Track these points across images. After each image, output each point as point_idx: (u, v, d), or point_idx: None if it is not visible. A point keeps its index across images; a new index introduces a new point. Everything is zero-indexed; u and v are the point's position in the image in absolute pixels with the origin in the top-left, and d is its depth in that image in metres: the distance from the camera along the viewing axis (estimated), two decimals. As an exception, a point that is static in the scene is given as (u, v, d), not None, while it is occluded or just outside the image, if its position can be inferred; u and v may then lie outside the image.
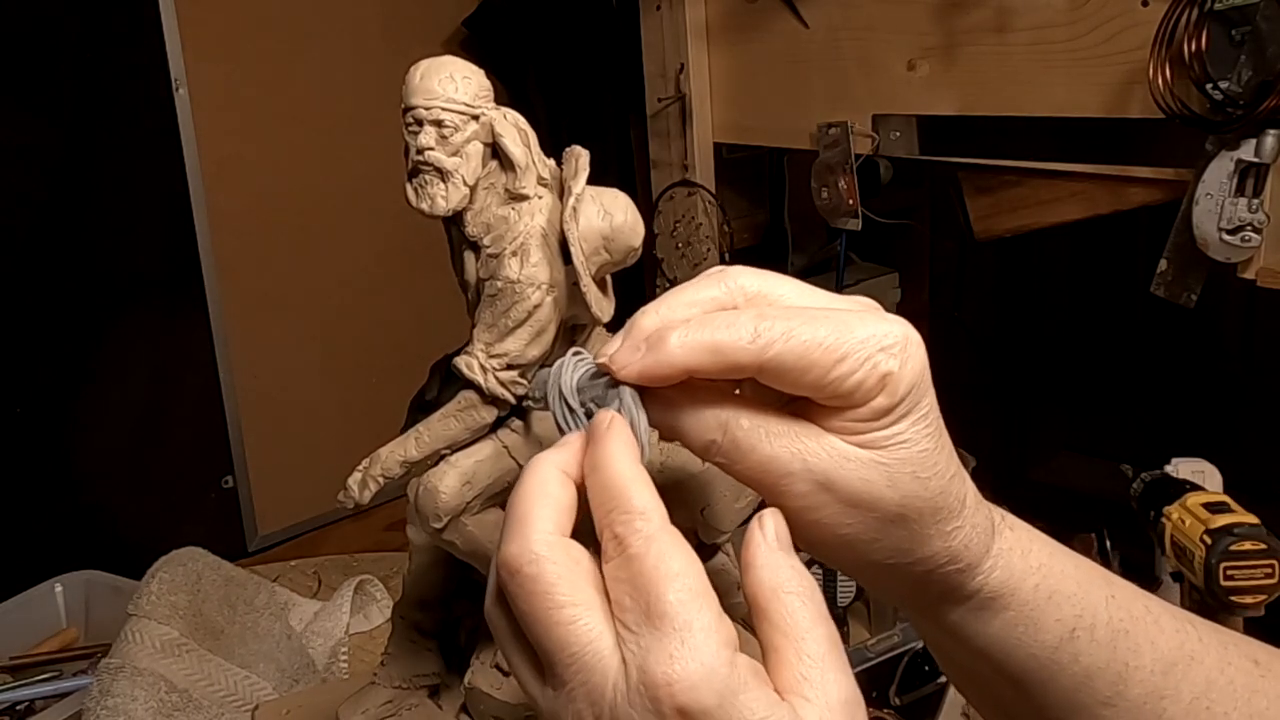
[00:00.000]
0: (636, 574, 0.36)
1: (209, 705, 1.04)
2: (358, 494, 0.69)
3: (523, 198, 0.64)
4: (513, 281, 0.64)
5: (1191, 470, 1.10)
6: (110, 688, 1.00)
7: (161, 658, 1.05)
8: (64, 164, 1.40)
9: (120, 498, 1.51)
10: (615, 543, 0.37)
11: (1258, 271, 1.03)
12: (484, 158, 0.66)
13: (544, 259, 0.64)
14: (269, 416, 1.65)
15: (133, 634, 1.07)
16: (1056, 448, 2.15)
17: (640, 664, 0.34)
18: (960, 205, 1.33)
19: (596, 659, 0.35)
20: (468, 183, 0.65)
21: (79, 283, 1.44)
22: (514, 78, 1.87)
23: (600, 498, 0.38)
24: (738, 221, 1.62)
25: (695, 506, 0.72)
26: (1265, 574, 0.89)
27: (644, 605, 0.35)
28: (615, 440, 0.39)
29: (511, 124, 0.66)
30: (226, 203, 1.55)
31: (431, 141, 0.65)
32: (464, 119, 0.64)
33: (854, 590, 1.15)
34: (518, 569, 0.36)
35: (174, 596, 1.11)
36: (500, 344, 0.65)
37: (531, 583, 0.36)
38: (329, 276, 1.69)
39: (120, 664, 1.03)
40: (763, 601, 0.38)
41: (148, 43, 1.45)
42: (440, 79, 0.64)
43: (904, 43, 1.28)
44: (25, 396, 1.40)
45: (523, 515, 0.38)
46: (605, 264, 0.66)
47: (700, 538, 0.75)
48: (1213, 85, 0.98)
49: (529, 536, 0.37)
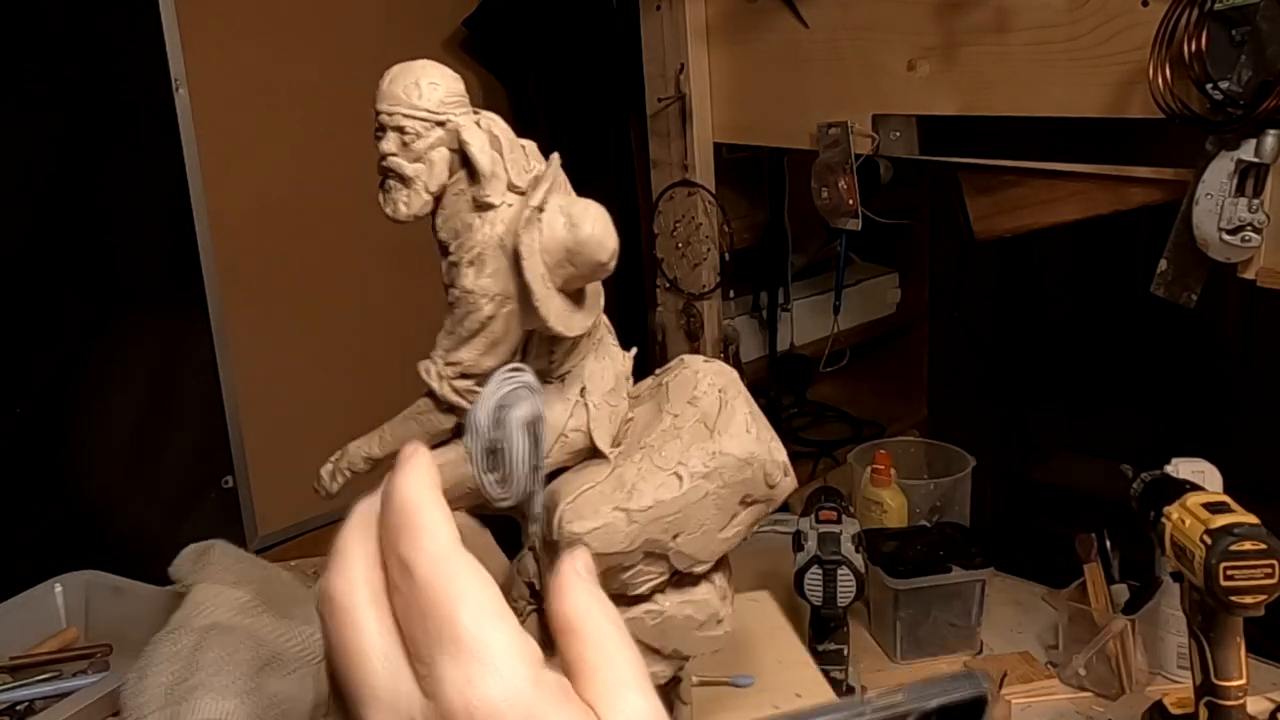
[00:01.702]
0: (427, 601, 0.34)
1: (293, 662, 1.04)
2: (328, 483, 0.70)
3: (488, 206, 0.63)
4: (467, 291, 0.63)
5: (1191, 470, 1.10)
6: (204, 642, 0.99)
7: (243, 618, 1.05)
8: (64, 164, 1.40)
9: (120, 498, 1.51)
10: (401, 569, 0.34)
11: (1258, 271, 1.03)
12: (452, 164, 0.64)
13: (500, 270, 0.62)
14: (269, 416, 1.64)
15: (207, 597, 1.06)
16: (1056, 448, 2.15)
17: (436, 694, 0.33)
18: (960, 205, 1.33)
19: (395, 697, 0.34)
20: (430, 190, 0.64)
21: (79, 283, 1.44)
22: (514, 78, 1.88)
23: (389, 523, 0.36)
24: (738, 221, 1.62)
25: (667, 532, 0.70)
26: (1265, 574, 0.89)
27: (435, 630, 0.33)
28: (411, 469, 0.36)
29: (484, 130, 0.64)
30: (226, 203, 1.55)
31: (394, 147, 0.64)
32: (426, 126, 0.63)
33: (854, 590, 1.15)
34: (331, 598, 0.35)
35: (237, 565, 1.12)
36: (455, 352, 0.65)
37: (341, 613, 0.35)
38: (329, 277, 1.69)
39: (209, 624, 1.02)
40: (576, 620, 0.36)
41: (148, 43, 1.44)
42: (405, 85, 0.63)
43: (904, 43, 1.28)
44: (25, 396, 1.40)
45: (343, 549, 0.36)
46: (572, 276, 0.63)
47: (673, 563, 0.72)
48: (1213, 85, 0.98)
49: (348, 569, 0.36)
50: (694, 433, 0.71)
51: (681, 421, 0.71)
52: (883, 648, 1.30)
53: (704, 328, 1.62)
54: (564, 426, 0.69)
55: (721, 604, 0.76)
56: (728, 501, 0.71)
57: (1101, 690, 1.19)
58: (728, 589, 0.77)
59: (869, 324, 1.96)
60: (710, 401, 0.71)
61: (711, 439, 0.70)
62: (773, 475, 0.71)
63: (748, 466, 0.70)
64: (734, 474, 0.70)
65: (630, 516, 0.68)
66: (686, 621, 0.74)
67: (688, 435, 0.70)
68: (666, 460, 0.70)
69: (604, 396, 0.70)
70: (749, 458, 0.70)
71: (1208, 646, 0.93)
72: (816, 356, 1.87)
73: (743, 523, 0.72)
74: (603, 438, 0.69)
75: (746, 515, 0.72)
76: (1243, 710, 0.93)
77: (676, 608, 0.73)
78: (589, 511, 0.68)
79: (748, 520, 0.73)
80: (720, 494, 0.70)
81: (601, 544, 0.68)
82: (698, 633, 0.74)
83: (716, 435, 0.70)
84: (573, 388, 0.69)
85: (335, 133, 1.60)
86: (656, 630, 0.73)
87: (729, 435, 0.70)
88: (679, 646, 0.74)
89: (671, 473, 0.69)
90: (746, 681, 0.97)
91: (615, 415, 0.71)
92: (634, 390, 0.76)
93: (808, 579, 1.15)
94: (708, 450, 0.70)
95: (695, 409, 0.71)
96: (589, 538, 0.67)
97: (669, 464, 0.70)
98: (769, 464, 0.71)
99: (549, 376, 0.68)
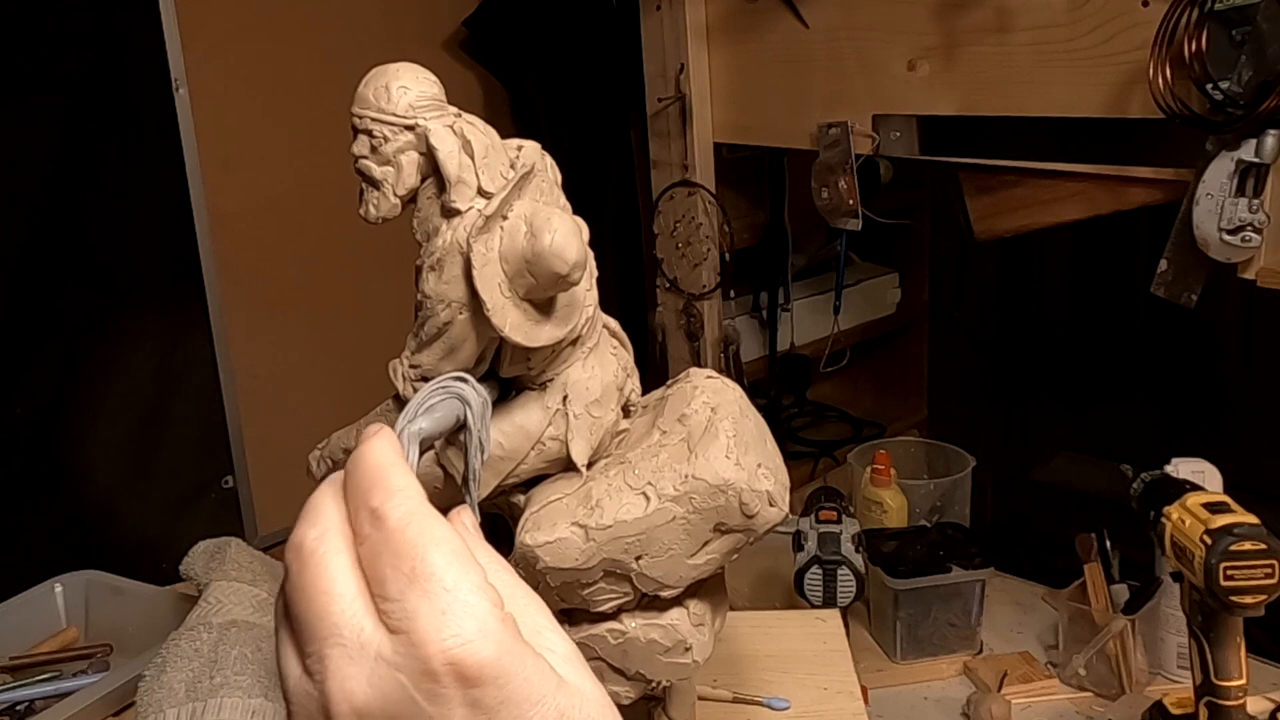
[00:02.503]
0: (398, 543, 0.35)
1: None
2: (315, 468, 0.71)
3: (454, 212, 0.62)
4: (426, 296, 0.62)
5: (1191, 470, 1.10)
6: (224, 640, 0.99)
7: (262, 615, 1.05)
8: (64, 164, 1.40)
9: (120, 498, 1.51)
10: (372, 518, 0.36)
11: (1258, 271, 1.03)
12: (423, 167, 0.64)
13: (460, 276, 0.61)
14: (269, 416, 1.65)
15: (226, 595, 1.06)
16: (1056, 448, 2.15)
17: (408, 628, 0.34)
18: (960, 205, 1.33)
19: (358, 634, 0.35)
20: (397, 193, 0.64)
21: (79, 283, 1.44)
22: (514, 78, 1.88)
23: (358, 485, 0.37)
24: (738, 221, 1.62)
25: (629, 553, 0.67)
26: (1265, 574, 0.89)
27: (408, 570, 0.35)
28: (377, 439, 0.38)
29: (456, 134, 0.63)
30: (226, 203, 1.55)
31: (364, 150, 0.64)
32: (395, 130, 0.62)
33: (854, 590, 1.15)
34: (301, 546, 0.37)
35: (253, 563, 1.12)
36: (417, 355, 0.64)
37: (310, 556, 0.36)
38: (329, 276, 1.69)
39: (228, 621, 1.02)
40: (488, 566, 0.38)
41: (148, 43, 1.45)
42: (376, 89, 0.63)
43: (904, 43, 1.28)
44: (25, 396, 1.40)
45: (314, 505, 0.38)
46: (533, 287, 0.61)
47: (637, 586, 0.69)
48: (1213, 85, 0.98)
49: (319, 521, 0.37)
50: (674, 452, 0.68)
51: (667, 439, 0.69)
52: (883, 648, 1.30)
53: (704, 328, 1.62)
54: (541, 434, 0.67)
55: (693, 631, 0.72)
56: (699, 528, 0.67)
57: (1101, 690, 1.19)
58: (706, 616, 0.73)
59: (869, 324, 1.96)
60: (698, 421, 0.69)
61: (688, 461, 0.67)
62: (750, 505, 0.67)
63: (721, 494, 0.66)
64: (706, 500, 0.67)
65: (588, 534, 0.66)
66: (650, 645, 0.71)
67: (667, 454, 0.68)
68: (638, 479, 0.67)
69: (587, 407, 0.67)
70: (724, 485, 0.66)
71: (1208, 646, 0.93)
72: (816, 356, 1.87)
73: (716, 550, 0.69)
74: (579, 449, 0.67)
75: (721, 544, 0.69)
76: (1243, 710, 0.93)
77: (641, 630, 0.71)
78: (548, 524, 0.66)
79: (723, 549, 0.69)
80: (690, 519, 0.67)
81: (554, 559, 0.66)
82: (662, 658, 0.71)
83: (693, 458, 0.67)
84: (554, 395, 0.67)
85: (335, 132, 1.59)
86: (619, 650, 0.71)
87: (706, 459, 0.67)
88: (642, 670, 0.72)
89: (640, 492, 0.67)
90: (782, 705, 0.92)
91: (597, 427, 0.69)
92: (642, 400, 0.75)
93: (808, 579, 1.15)
94: (680, 473, 0.67)
95: (683, 427, 0.69)
96: (542, 551, 0.66)
97: (639, 483, 0.67)
98: (747, 493, 0.67)
99: (530, 383, 0.67)
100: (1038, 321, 2.12)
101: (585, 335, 0.67)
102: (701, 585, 0.73)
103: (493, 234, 0.61)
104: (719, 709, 0.91)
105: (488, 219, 0.60)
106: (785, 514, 0.70)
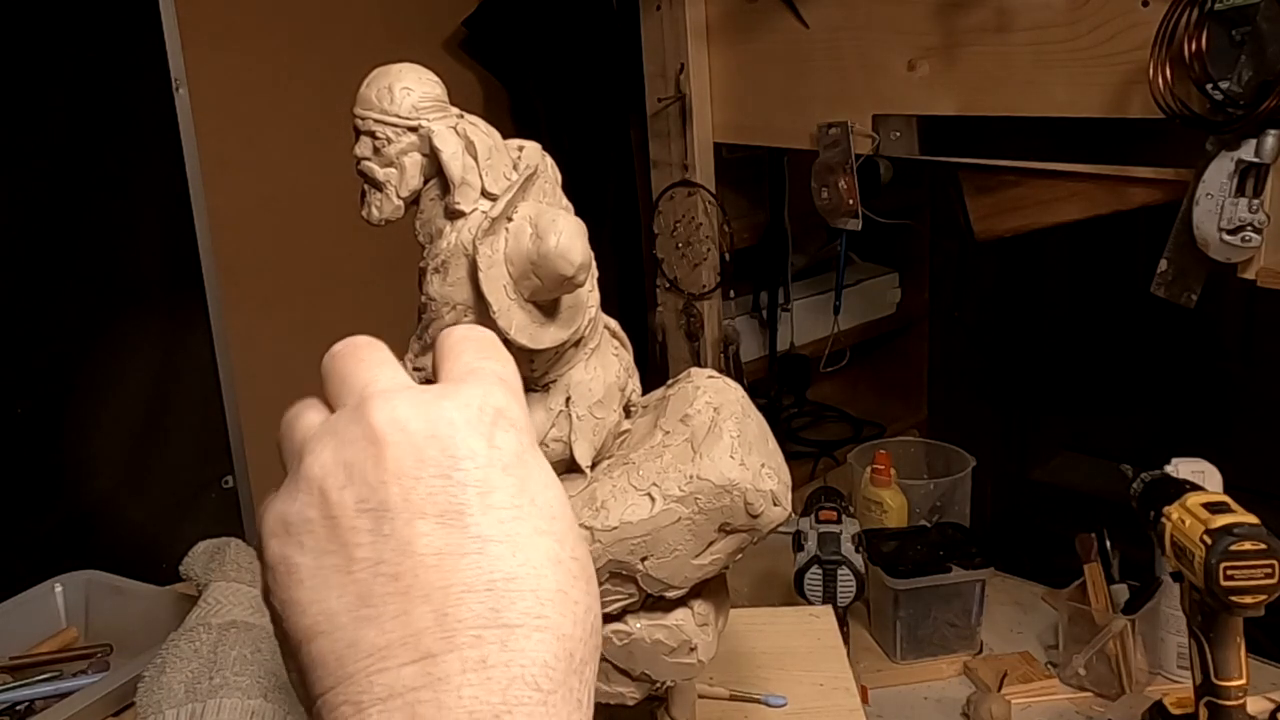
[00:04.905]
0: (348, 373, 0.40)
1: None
2: None
3: (458, 214, 0.62)
4: (430, 298, 0.62)
5: (1191, 470, 1.10)
6: (224, 640, 0.99)
7: (262, 616, 1.05)
8: (64, 164, 1.40)
9: (120, 498, 1.51)
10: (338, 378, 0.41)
11: (1258, 271, 1.04)
12: (425, 169, 0.64)
13: (463, 279, 0.61)
14: (269, 416, 1.64)
15: (225, 595, 1.07)
16: (1056, 448, 2.15)
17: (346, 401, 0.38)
18: (960, 205, 1.33)
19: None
20: (400, 195, 0.64)
21: (79, 283, 1.44)
22: (514, 78, 1.88)
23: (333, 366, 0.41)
24: (738, 221, 1.62)
25: (634, 554, 0.67)
26: (1265, 574, 0.89)
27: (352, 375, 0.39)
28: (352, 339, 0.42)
29: (460, 135, 0.63)
30: (226, 203, 1.55)
31: (366, 152, 0.64)
32: (397, 131, 0.62)
33: (854, 590, 1.15)
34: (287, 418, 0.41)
35: (253, 563, 1.13)
36: (421, 358, 0.64)
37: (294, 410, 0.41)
38: (329, 276, 1.69)
39: (227, 622, 1.03)
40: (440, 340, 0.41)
41: (148, 43, 1.44)
42: (379, 90, 0.63)
43: (904, 43, 1.28)
44: (26, 397, 1.40)
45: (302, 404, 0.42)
46: (538, 289, 0.61)
47: (642, 587, 0.69)
48: (1213, 85, 0.98)
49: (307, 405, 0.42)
50: (678, 453, 0.68)
51: (671, 439, 0.69)
52: (883, 648, 1.30)
53: (704, 328, 1.62)
54: (545, 436, 0.67)
55: (698, 631, 0.72)
56: (704, 528, 0.68)
57: (1101, 690, 1.19)
58: (710, 616, 0.73)
59: (869, 324, 1.96)
60: (701, 421, 0.69)
61: (693, 461, 0.67)
62: (755, 505, 0.67)
63: (726, 494, 0.67)
64: (711, 500, 0.67)
65: (594, 535, 0.66)
66: (655, 646, 0.71)
67: (671, 455, 0.68)
68: (643, 480, 0.67)
69: (590, 408, 0.67)
70: (729, 485, 0.67)
71: (1208, 646, 0.93)
72: (816, 356, 1.87)
73: (721, 550, 0.69)
74: (583, 451, 0.67)
75: (726, 543, 0.69)
76: (1243, 710, 0.93)
77: (646, 631, 0.71)
78: None
79: (728, 548, 0.69)
80: (696, 520, 0.67)
81: None
82: (667, 659, 0.72)
83: (698, 458, 0.67)
84: (557, 397, 0.67)
85: (335, 132, 1.59)
86: (624, 651, 0.71)
87: (710, 459, 0.67)
88: (648, 670, 0.72)
89: (645, 493, 0.67)
90: (779, 702, 0.93)
91: (600, 428, 0.68)
92: (643, 400, 0.75)
93: (808, 579, 1.16)
94: (685, 473, 0.67)
95: (686, 428, 0.69)
96: None
97: (644, 484, 0.67)
98: (752, 493, 0.67)
99: (533, 384, 0.67)
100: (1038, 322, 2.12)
101: (587, 336, 0.67)
102: (705, 585, 0.73)
103: (498, 236, 0.61)
104: (717, 707, 0.91)
105: (493, 221, 0.60)
106: (789, 514, 0.70)
